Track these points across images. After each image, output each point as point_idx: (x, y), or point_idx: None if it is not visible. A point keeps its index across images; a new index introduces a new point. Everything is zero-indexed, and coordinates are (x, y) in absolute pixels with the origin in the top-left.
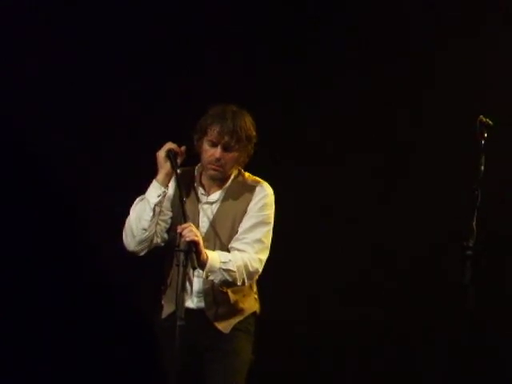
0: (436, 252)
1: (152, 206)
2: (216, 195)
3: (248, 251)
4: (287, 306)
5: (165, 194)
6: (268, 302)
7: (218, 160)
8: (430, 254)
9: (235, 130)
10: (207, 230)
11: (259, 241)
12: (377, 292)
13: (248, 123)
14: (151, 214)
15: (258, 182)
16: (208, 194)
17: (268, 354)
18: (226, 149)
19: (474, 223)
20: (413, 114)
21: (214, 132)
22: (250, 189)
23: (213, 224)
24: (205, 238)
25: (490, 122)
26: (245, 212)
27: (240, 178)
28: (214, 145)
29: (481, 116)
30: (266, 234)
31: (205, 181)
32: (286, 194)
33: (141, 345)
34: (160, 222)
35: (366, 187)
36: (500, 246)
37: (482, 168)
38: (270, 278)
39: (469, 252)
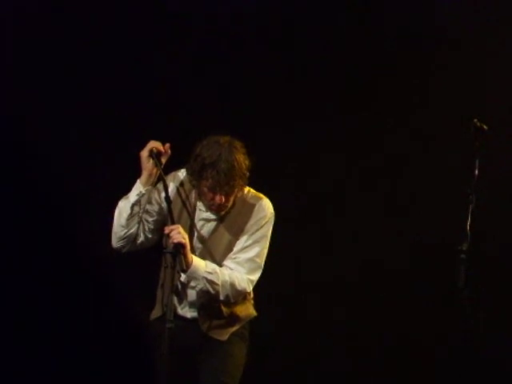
0: (430, 255)
1: (130, 204)
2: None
3: (238, 271)
4: (281, 311)
5: (143, 194)
6: (263, 307)
7: (219, 205)
8: (424, 257)
9: (231, 179)
10: (202, 246)
11: (251, 260)
12: (373, 295)
13: (241, 159)
14: (129, 212)
15: (259, 200)
16: (206, 209)
17: (261, 357)
18: (225, 195)
19: (468, 227)
20: (409, 118)
21: (209, 182)
22: (250, 207)
23: (209, 241)
24: (200, 254)
25: (485, 126)
26: (242, 230)
27: (239, 194)
28: (212, 190)
29: (475, 120)
30: (260, 253)
31: None
32: (284, 204)
33: (134, 345)
34: (145, 222)
35: (363, 190)
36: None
37: (477, 172)
38: (264, 283)
39: (463, 255)
